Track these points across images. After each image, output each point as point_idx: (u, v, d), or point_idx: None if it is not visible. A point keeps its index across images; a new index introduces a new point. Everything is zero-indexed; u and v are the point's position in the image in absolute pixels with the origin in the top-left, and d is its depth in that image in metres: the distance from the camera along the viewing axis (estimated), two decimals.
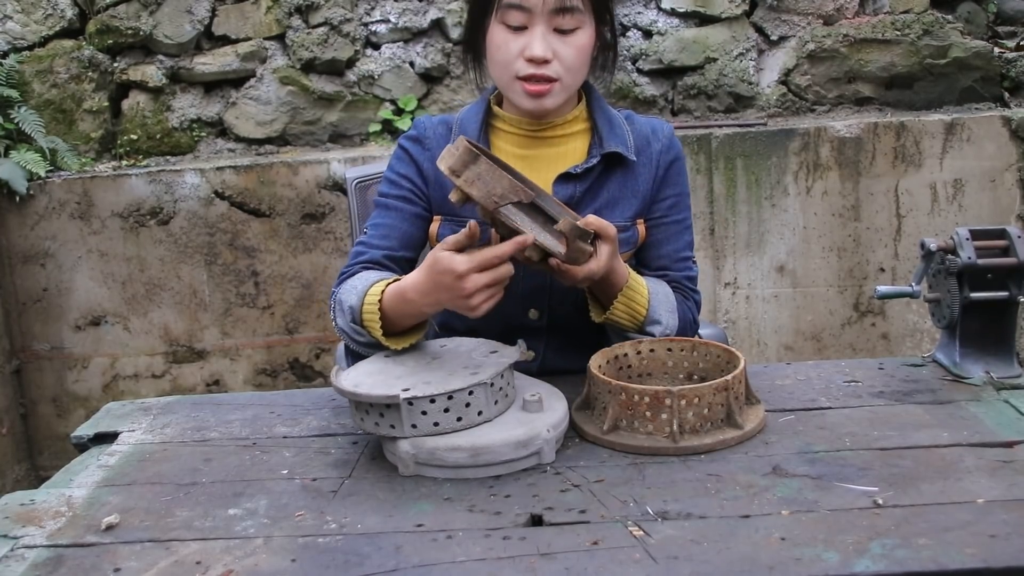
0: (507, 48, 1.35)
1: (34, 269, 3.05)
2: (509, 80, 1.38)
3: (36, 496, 1.13)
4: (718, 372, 1.30)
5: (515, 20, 1.34)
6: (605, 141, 1.44)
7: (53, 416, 3.15)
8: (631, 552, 0.91)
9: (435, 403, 1.11)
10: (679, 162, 1.50)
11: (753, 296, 3.04)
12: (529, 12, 1.33)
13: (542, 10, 1.32)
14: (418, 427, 1.11)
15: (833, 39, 3.17)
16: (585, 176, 1.43)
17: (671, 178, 1.49)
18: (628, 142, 1.46)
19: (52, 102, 3.21)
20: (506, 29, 1.35)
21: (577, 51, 1.36)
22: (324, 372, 3.11)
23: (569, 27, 1.34)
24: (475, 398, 1.12)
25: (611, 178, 1.45)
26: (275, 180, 3.01)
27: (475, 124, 1.45)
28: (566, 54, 1.35)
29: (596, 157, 1.43)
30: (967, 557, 0.87)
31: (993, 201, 2.98)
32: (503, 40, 1.35)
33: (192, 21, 3.24)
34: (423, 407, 1.11)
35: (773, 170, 2.97)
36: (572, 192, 1.42)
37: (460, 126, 1.46)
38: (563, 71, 1.36)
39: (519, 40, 1.34)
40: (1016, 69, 3.21)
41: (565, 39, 1.35)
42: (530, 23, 1.34)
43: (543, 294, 1.44)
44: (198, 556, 0.95)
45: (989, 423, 1.18)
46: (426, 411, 1.11)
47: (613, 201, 1.45)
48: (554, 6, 1.32)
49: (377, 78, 3.26)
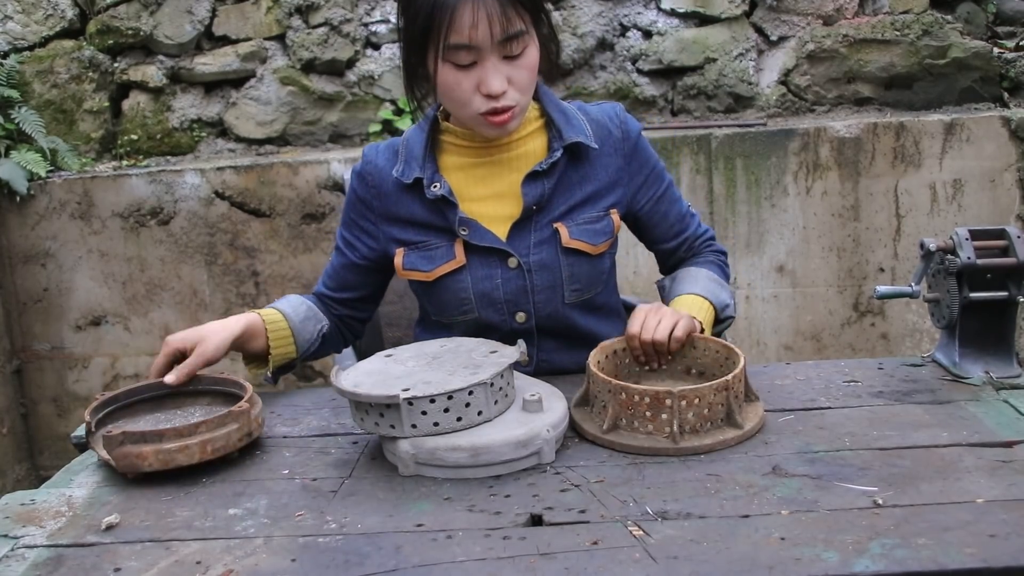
0: (461, 88, 1.31)
1: (34, 269, 3.05)
2: (470, 115, 1.35)
3: (36, 496, 1.13)
4: (717, 368, 1.30)
5: (464, 59, 1.29)
6: (564, 133, 1.42)
7: (53, 416, 3.15)
8: (631, 552, 0.91)
9: (435, 403, 1.11)
10: (641, 138, 1.49)
11: (753, 296, 3.04)
12: (477, 49, 1.28)
13: (490, 44, 1.28)
14: (418, 427, 1.11)
15: (833, 39, 3.17)
16: (551, 171, 1.41)
17: (640, 157, 1.48)
18: (587, 131, 1.43)
19: (53, 102, 3.21)
20: (455, 68, 1.30)
21: (529, 71, 1.33)
22: (324, 372, 3.11)
23: (517, 52, 1.31)
24: (475, 398, 1.12)
25: (577, 171, 1.44)
26: (275, 180, 3.02)
27: (420, 147, 1.43)
28: (519, 77, 1.32)
29: (558, 150, 1.41)
30: (967, 557, 0.87)
31: (992, 201, 2.98)
32: (455, 80, 1.31)
33: (192, 21, 3.24)
34: (423, 407, 1.11)
35: (773, 170, 2.97)
36: (542, 191, 1.41)
37: (406, 147, 1.45)
38: (519, 95, 1.33)
39: (471, 77, 1.31)
40: (1015, 69, 3.21)
41: (515, 63, 1.31)
42: (479, 58, 1.29)
43: (526, 297, 1.43)
44: (198, 556, 0.96)
45: (988, 423, 1.19)
46: (426, 411, 1.11)
47: (584, 196, 1.44)
48: (500, 37, 1.28)
49: (377, 78, 3.26)
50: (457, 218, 1.40)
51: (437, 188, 1.40)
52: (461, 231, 1.40)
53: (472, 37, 1.26)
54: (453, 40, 1.27)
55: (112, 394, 1.29)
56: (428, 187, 1.41)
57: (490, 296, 1.42)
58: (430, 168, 1.42)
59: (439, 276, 1.42)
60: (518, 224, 1.41)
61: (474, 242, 1.40)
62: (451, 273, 1.42)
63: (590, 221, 1.43)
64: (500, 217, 1.42)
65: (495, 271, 1.42)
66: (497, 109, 1.32)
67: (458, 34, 1.26)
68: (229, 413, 1.18)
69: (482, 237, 1.41)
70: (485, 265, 1.41)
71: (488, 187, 1.43)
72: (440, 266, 1.42)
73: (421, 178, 1.41)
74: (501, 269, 1.41)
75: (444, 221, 1.42)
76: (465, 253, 1.41)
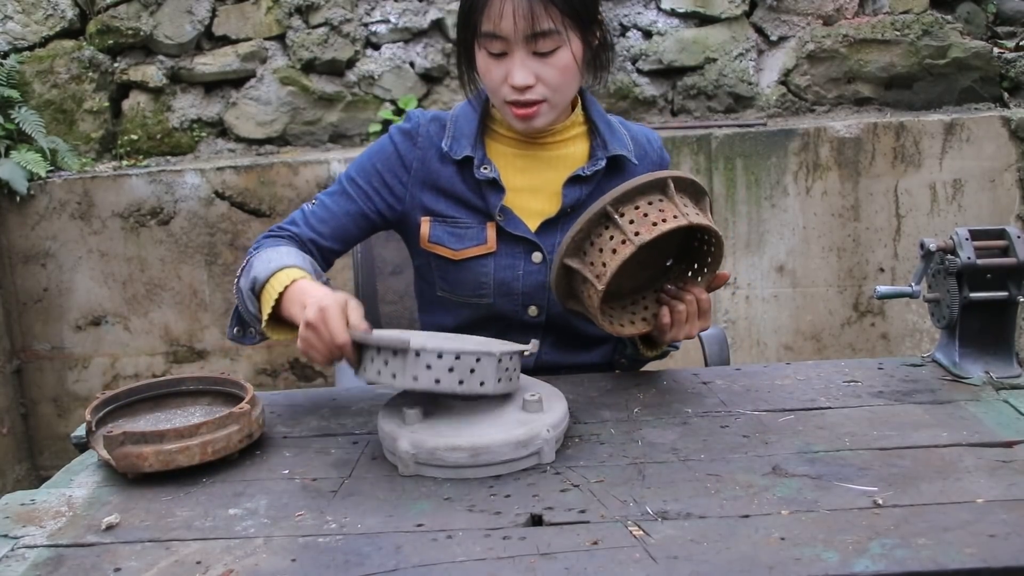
0: (491, 75, 1.37)
1: (35, 269, 3.05)
2: (499, 103, 1.40)
3: (36, 496, 1.13)
4: None
5: (495, 48, 1.34)
6: (609, 144, 1.45)
7: (53, 416, 3.15)
8: (631, 552, 0.91)
9: (442, 359, 1.10)
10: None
11: (753, 296, 3.04)
12: (506, 40, 1.32)
13: (517, 38, 1.32)
14: (419, 380, 1.10)
15: (833, 39, 3.17)
16: (592, 178, 1.44)
17: None
18: (628, 145, 1.48)
19: (52, 102, 3.21)
20: (488, 56, 1.36)
21: (560, 71, 1.35)
22: (324, 372, 3.11)
23: (547, 49, 1.33)
24: (481, 366, 1.12)
25: (612, 182, 1.45)
26: (275, 180, 3.02)
27: (471, 127, 1.46)
28: (549, 75, 1.35)
29: (602, 159, 1.44)
30: (966, 557, 0.87)
31: (992, 201, 2.98)
32: (486, 67, 1.37)
33: (192, 21, 3.24)
34: (429, 360, 1.10)
35: (773, 170, 2.97)
36: (579, 195, 1.44)
37: (455, 125, 1.46)
38: (548, 92, 1.36)
39: (501, 66, 1.35)
40: (1015, 69, 3.21)
41: (546, 61, 1.34)
42: (508, 50, 1.34)
43: (542, 292, 1.44)
44: (198, 556, 0.95)
45: (988, 423, 1.19)
46: (431, 365, 1.10)
47: None
48: (527, 32, 1.31)
49: (377, 78, 3.26)
50: (500, 204, 1.42)
51: (487, 170, 1.42)
52: (499, 217, 1.42)
53: (499, 27, 1.31)
54: (485, 28, 1.33)
55: (112, 393, 1.29)
56: (478, 167, 1.42)
57: (509, 286, 1.43)
58: (480, 150, 1.44)
59: (466, 258, 1.43)
60: (550, 221, 1.44)
61: (508, 230, 1.42)
62: (477, 256, 1.43)
63: None
64: (533, 211, 1.44)
65: (519, 262, 1.43)
66: (521, 102, 1.35)
67: (488, 22, 1.32)
68: (230, 414, 1.18)
69: (516, 226, 1.43)
70: (511, 255, 1.43)
71: (525, 179, 1.45)
72: (469, 248, 1.43)
73: (471, 157, 1.43)
74: (525, 261, 1.43)
75: (482, 203, 1.43)
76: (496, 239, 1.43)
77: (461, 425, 1.14)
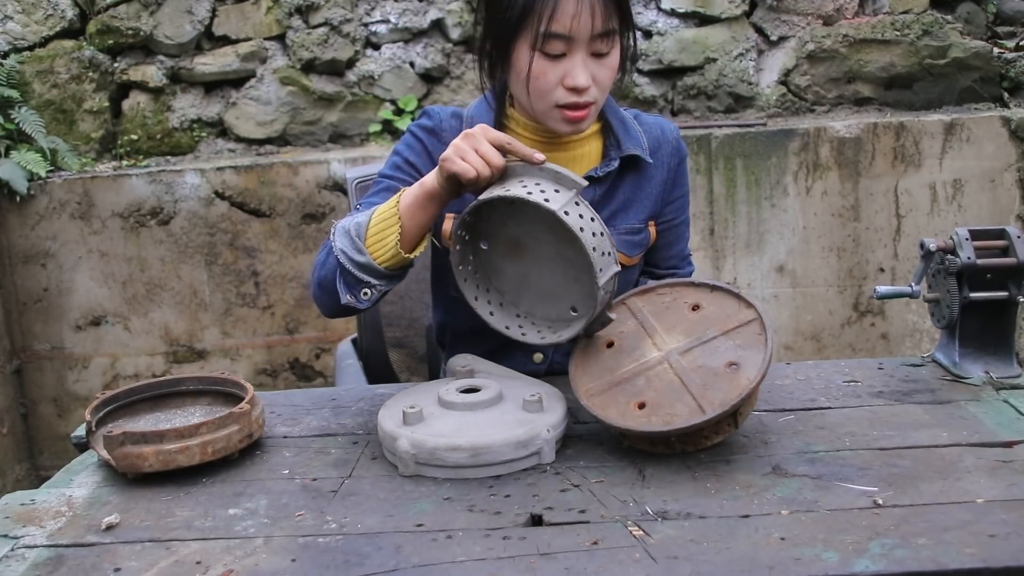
0: (546, 78, 1.32)
1: (35, 269, 3.05)
2: (546, 107, 1.35)
3: (36, 496, 1.13)
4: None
5: (556, 49, 1.30)
6: (623, 143, 1.44)
7: (53, 416, 3.15)
8: (631, 552, 0.91)
9: (594, 222, 1.14)
10: (684, 164, 1.53)
11: (753, 296, 3.04)
12: (571, 40, 1.29)
13: (583, 37, 1.29)
14: (569, 215, 1.12)
15: (833, 39, 3.17)
16: (605, 178, 1.44)
17: (679, 180, 1.52)
18: (643, 144, 1.46)
19: (52, 102, 3.21)
20: (545, 58, 1.31)
21: (611, 72, 1.35)
22: (324, 372, 3.11)
23: (606, 50, 1.32)
24: (607, 263, 1.15)
25: (625, 180, 1.46)
26: (275, 180, 3.02)
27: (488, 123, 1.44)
28: (603, 77, 1.33)
29: (616, 160, 1.43)
30: (966, 557, 0.87)
31: (992, 201, 2.98)
32: (542, 70, 1.31)
33: (192, 21, 3.24)
34: (584, 212, 1.14)
35: (773, 170, 2.97)
36: (592, 195, 1.43)
37: (471, 123, 1.45)
38: (599, 94, 1.34)
39: (557, 68, 1.31)
40: (1015, 69, 3.21)
41: (601, 62, 1.32)
42: (570, 51, 1.30)
43: None
44: (198, 556, 0.95)
45: (988, 423, 1.19)
46: (583, 215, 1.14)
47: (628, 203, 1.46)
48: (599, 31, 1.29)
49: (377, 78, 3.26)
50: None
51: None
52: None
53: (572, 27, 1.28)
54: (553, 28, 1.28)
55: (112, 393, 1.29)
56: None
57: None
58: None
59: None
60: None
61: None
62: None
63: (630, 232, 1.46)
64: None
65: None
66: (578, 104, 1.33)
67: (559, 23, 1.28)
68: (230, 414, 1.18)
69: None
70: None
71: None
72: None
73: None
74: None
75: None
76: None
77: (461, 425, 1.14)
